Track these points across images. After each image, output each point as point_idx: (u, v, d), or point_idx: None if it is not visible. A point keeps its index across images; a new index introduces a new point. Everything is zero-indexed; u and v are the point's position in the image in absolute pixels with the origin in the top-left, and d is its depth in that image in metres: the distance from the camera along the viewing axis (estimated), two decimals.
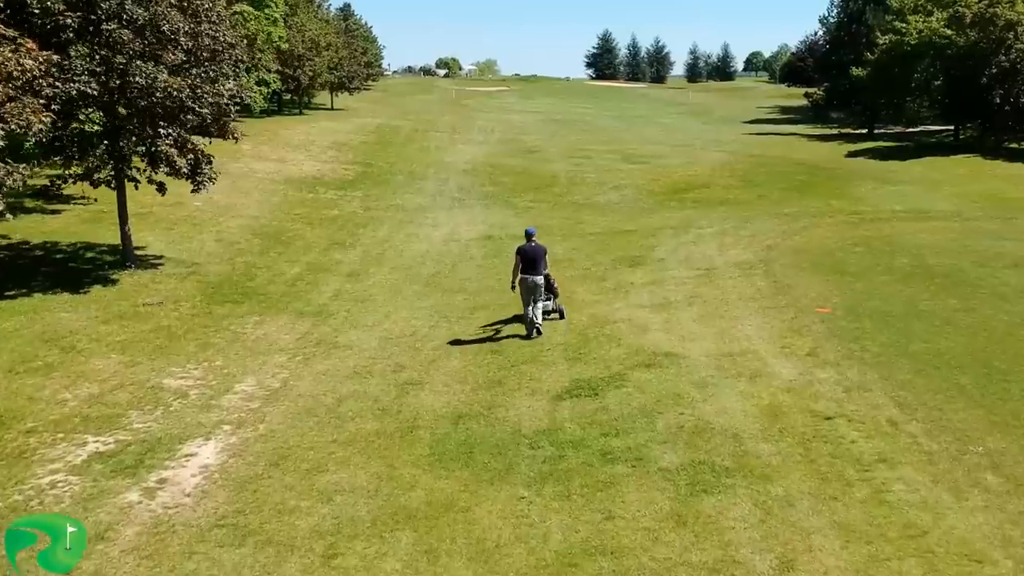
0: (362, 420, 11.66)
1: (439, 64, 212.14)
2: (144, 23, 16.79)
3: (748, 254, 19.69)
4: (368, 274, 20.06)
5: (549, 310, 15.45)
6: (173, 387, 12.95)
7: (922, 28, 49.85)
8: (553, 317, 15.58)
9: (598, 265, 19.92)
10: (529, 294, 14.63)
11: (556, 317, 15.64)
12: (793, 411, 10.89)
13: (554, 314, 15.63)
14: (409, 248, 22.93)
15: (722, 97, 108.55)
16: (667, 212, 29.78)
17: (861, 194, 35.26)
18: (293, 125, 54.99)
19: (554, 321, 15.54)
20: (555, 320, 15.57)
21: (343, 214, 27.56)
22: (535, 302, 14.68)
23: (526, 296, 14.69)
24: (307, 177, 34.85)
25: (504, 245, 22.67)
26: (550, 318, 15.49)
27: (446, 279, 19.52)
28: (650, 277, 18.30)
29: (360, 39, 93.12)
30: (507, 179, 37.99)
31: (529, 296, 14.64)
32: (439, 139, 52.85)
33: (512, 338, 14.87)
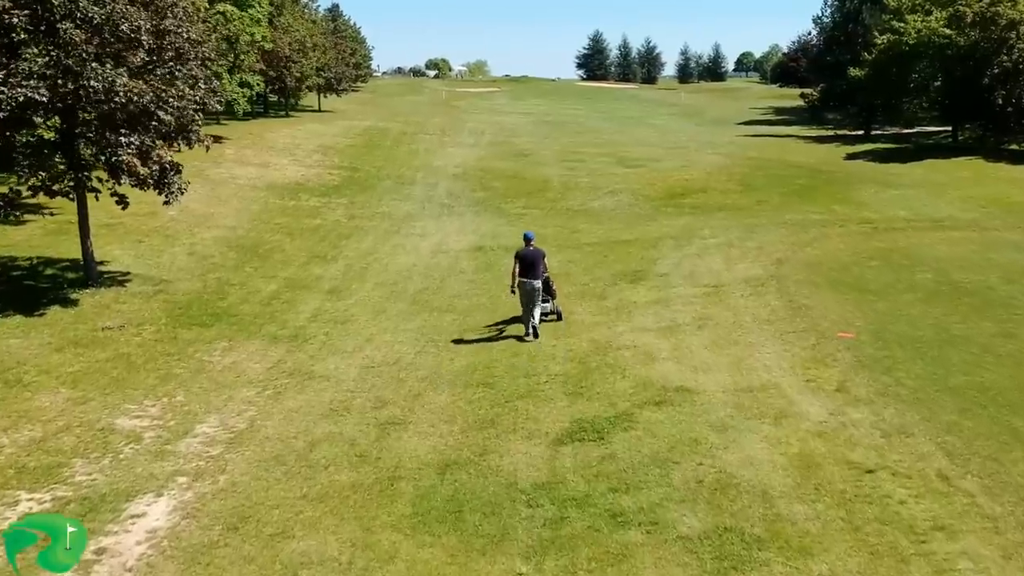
0: (336, 469, 10.29)
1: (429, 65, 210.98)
2: (101, 22, 15.34)
3: (757, 268, 18.42)
4: (350, 291, 18.64)
5: (547, 311, 15.55)
6: (126, 429, 11.53)
7: (921, 28, 48.76)
8: (551, 318, 15.68)
9: (597, 281, 18.57)
10: (527, 297, 14.65)
11: (554, 318, 15.73)
12: (828, 461, 9.55)
13: (552, 315, 15.72)
14: (395, 261, 21.52)
15: (714, 98, 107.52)
16: (665, 219, 28.49)
17: (864, 199, 34.08)
18: (279, 128, 53.58)
19: (552, 349, 14.21)
20: (552, 321, 15.66)
21: (326, 223, 26.11)
22: (533, 305, 14.68)
23: (524, 299, 14.71)
24: (290, 183, 33.40)
25: (496, 258, 21.32)
26: (548, 319, 15.60)
27: (434, 296, 18.13)
28: (654, 295, 16.98)
29: (349, 40, 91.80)
30: (498, 184, 36.63)
31: (527, 299, 14.66)
32: (428, 142, 51.47)
33: (506, 366, 13.53)
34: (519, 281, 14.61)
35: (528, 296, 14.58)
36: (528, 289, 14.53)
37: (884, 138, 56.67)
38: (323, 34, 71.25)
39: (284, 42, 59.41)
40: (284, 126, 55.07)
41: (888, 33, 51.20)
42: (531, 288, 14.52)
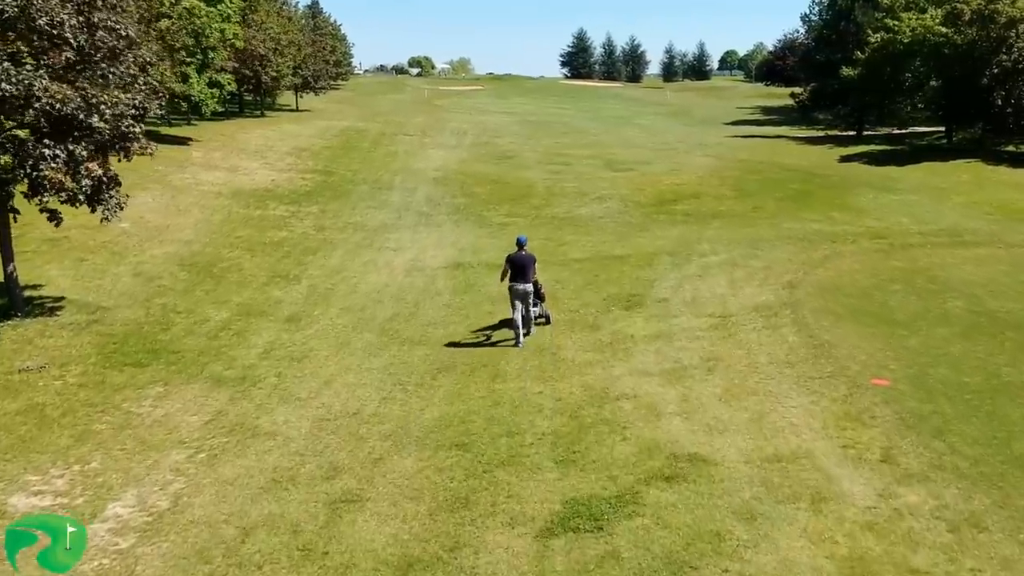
0: (273, 569, 8.29)
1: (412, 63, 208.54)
2: (13, 16, 13.22)
3: (767, 293, 16.52)
4: (312, 318, 16.56)
5: (536, 315, 15.61)
6: (20, 510, 9.46)
7: (916, 26, 47.22)
8: (540, 322, 15.81)
9: (587, 306, 16.59)
10: (517, 300, 14.73)
11: (543, 322, 15.87)
12: (887, 569, 7.63)
13: (540, 319, 15.85)
14: (365, 281, 19.45)
15: (700, 97, 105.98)
16: (658, 229, 26.61)
17: (862, 205, 32.40)
18: (252, 128, 51.39)
19: (539, 396, 12.24)
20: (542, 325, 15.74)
21: (292, 236, 23.96)
22: (524, 309, 14.86)
23: (514, 302, 14.78)
24: (258, 189, 31.24)
25: (476, 276, 19.33)
26: (537, 323, 15.66)
27: (405, 324, 16.08)
28: (654, 327, 15.03)
29: (328, 37, 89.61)
30: (480, 189, 34.64)
31: (517, 303, 14.74)
32: (408, 143, 49.38)
33: (484, 419, 11.55)
34: (510, 286, 14.77)
35: (517, 299, 14.69)
36: (519, 292, 14.66)
37: (877, 139, 55.07)
38: (300, 31, 68.96)
39: (258, 40, 57.20)
40: (258, 127, 52.89)
41: (882, 31, 49.68)
42: (521, 291, 14.66)
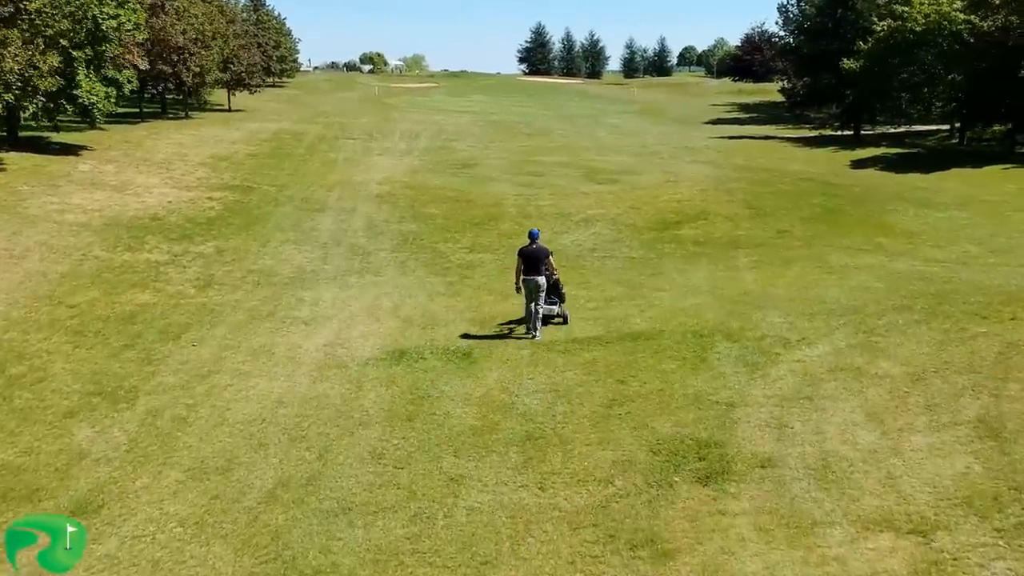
0: None
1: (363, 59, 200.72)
2: None
3: (962, 457, 8.76)
4: (120, 504, 8.76)
5: (554, 314, 15.18)
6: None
7: (929, 12, 41.38)
8: (557, 321, 15.20)
9: (624, 473, 9.37)
10: (531, 295, 14.37)
11: (560, 321, 15.23)
12: None
13: (558, 318, 15.27)
14: (245, 395, 11.85)
15: (668, 94, 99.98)
16: (674, 270, 20.03)
17: (909, 226, 26.30)
18: (168, 132, 43.86)
19: None
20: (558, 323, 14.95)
21: (157, 302, 16.32)
22: (537, 303, 14.38)
23: (528, 297, 14.46)
24: (142, 218, 23.89)
25: (433, 380, 12.10)
26: (554, 322, 15.06)
27: (295, 515, 8.58)
28: (788, 555, 7.43)
29: (272, 32, 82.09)
30: (435, 210, 27.72)
31: (530, 297, 14.38)
32: (351, 149, 42.17)
33: None
34: (523, 279, 14.41)
35: (531, 293, 14.36)
36: (531, 286, 14.30)
37: (877, 140, 49.36)
38: (230, 22, 61.13)
39: (177, 30, 49.50)
40: (176, 131, 45.37)
41: (888, 19, 43.84)
42: (534, 285, 14.29)
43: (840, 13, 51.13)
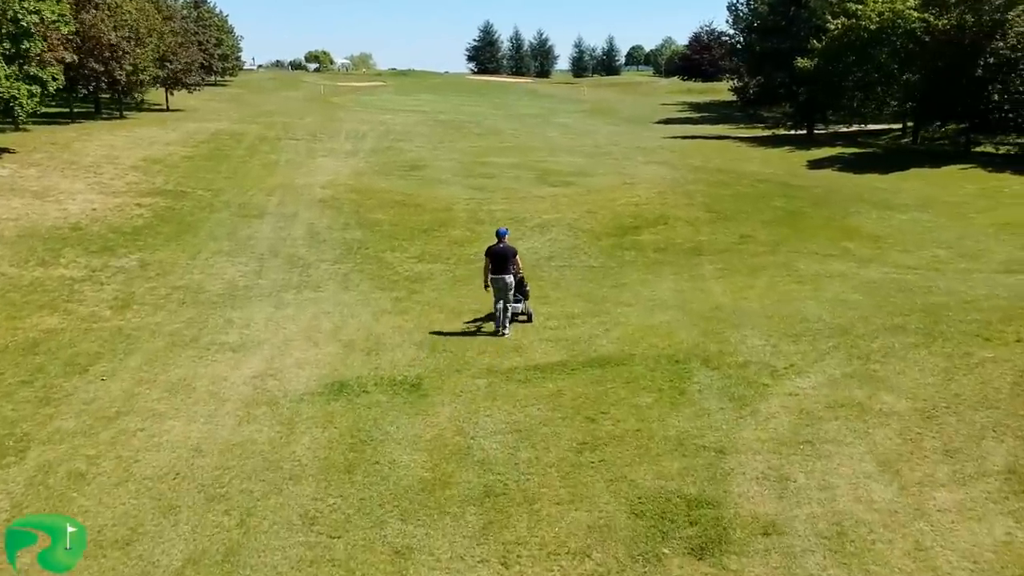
0: None
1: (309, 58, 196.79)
2: None
3: (1002, 519, 7.52)
4: None
5: (518, 311, 15.23)
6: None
7: (883, 10, 40.89)
8: (521, 320, 15.22)
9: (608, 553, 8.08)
10: (499, 293, 14.49)
11: (524, 319, 15.26)
12: None
13: (522, 316, 15.31)
14: (156, 442, 10.07)
15: (618, 93, 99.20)
16: (636, 280, 18.80)
17: (874, 229, 25.53)
18: (98, 134, 41.27)
19: None
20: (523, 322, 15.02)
21: (66, 327, 14.40)
22: (506, 301, 14.49)
23: (497, 296, 14.55)
24: (62, 227, 21.88)
25: (377, 418, 10.52)
26: (519, 320, 15.07)
27: None
28: None
29: (213, 29, 79.26)
30: (381, 215, 26.10)
31: (500, 295, 14.50)
32: (293, 150, 40.17)
33: None
34: (491, 278, 14.51)
35: (500, 292, 14.42)
36: (500, 285, 14.38)
37: (831, 139, 48.96)
38: (167, 19, 58.45)
39: (108, 26, 46.91)
40: (108, 131, 42.77)
41: (842, 17, 43.31)
42: (503, 284, 14.35)
43: (793, 11, 50.61)
